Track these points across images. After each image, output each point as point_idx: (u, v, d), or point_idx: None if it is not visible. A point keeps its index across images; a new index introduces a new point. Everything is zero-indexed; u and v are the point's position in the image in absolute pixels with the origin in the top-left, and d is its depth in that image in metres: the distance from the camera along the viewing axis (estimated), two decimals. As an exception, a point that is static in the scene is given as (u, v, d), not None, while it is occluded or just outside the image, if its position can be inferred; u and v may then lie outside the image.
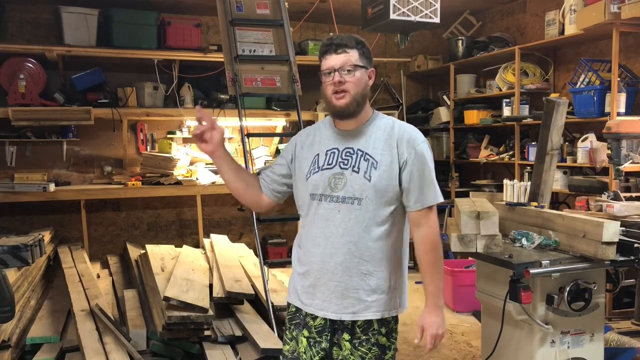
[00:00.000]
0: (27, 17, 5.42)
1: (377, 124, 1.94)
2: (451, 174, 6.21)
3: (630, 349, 3.18)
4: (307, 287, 1.96)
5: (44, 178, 5.29)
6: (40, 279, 4.33)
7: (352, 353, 1.93)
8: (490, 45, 5.70)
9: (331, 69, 1.86)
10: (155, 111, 5.55)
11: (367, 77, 1.91)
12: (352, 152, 1.90)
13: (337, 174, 1.89)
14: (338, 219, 1.88)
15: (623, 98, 4.23)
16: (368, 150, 1.89)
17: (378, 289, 1.92)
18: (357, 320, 1.93)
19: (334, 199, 1.89)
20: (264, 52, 4.31)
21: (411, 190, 1.89)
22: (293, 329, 2.02)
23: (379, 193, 1.87)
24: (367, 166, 1.87)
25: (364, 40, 1.93)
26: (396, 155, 1.88)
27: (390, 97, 6.89)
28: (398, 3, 3.60)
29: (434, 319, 1.89)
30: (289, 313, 2.06)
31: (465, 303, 4.50)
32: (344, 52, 1.86)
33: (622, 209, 2.89)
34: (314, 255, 1.93)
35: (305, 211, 1.97)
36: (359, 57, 1.88)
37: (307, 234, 1.97)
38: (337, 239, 1.89)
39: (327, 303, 1.92)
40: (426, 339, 1.90)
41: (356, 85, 1.86)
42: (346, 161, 1.90)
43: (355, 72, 1.86)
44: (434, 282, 1.92)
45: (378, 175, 1.86)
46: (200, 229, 5.53)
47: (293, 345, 2.01)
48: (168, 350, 3.36)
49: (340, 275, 1.90)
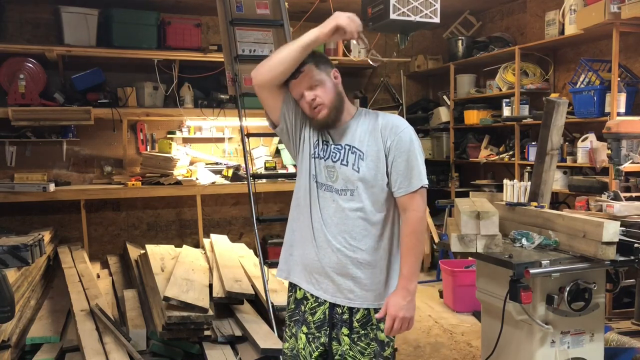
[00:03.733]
0: (27, 17, 5.42)
1: (362, 119, 1.99)
2: (451, 174, 6.21)
3: (630, 349, 3.18)
4: (304, 268, 1.99)
5: (44, 178, 5.30)
6: (40, 279, 4.33)
7: (351, 348, 1.94)
8: (490, 45, 5.70)
9: (300, 94, 1.92)
10: (155, 111, 5.55)
11: (332, 80, 1.95)
12: (340, 148, 1.96)
13: (329, 167, 1.95)
14: (332, 208, 1.93)
15: (623, 98, 4.23)
16: (354, 144, 1.94)
17: (374, 279, 1.95)
18: (356, 312, 1.94)
19: (329, 188, 1.94)
20: (264, 52, 4.31)
21: (396, 175, 1.92)
22: (292, 325, 2.04)
23: (368, 183, 1.91)
24: (354, 158, 1.93)
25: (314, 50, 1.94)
26: (381, 144, 1.92)
27: (390, 97, 6.89)
28: (398, 3, 3.60)
29: (399, 301, 1.87)
30: (288, 310, 2.07)
31: (465, 303, 4.50)
32: (300, 73, 1.90)
33: (622, 209, 2.89)
34: (309, 243, 1.96)
35: (304, 186, 2.00)
36: (315, 68, 1.91)
37: (301, 217, 2.01)
38: (332, 228, 1.92)
39: (324, 285, 1.96)
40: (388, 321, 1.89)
41: (327, 94, 1.91)
42: (335, 155, 1.95)
43: (320, 85, 1.91)
44: (408, 264, 1.91)
45: (366, 166, 1.91)
46: (200, 229, 5.53)
47: (292, 342, 2.02)
48: (168, 350, 3.36)
49: (336, 262, 1.93)
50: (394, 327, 1.86)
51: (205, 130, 5.94)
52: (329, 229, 1.93)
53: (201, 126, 5.92)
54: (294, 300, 2.05)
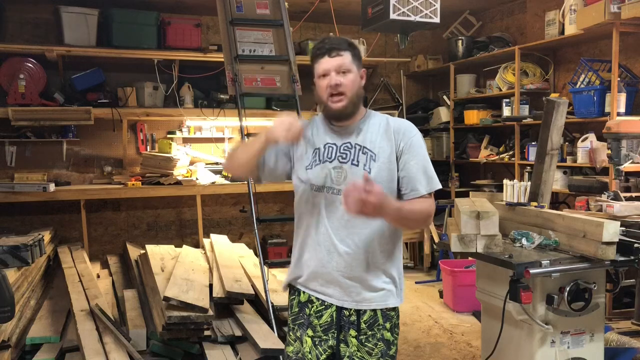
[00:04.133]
0: (27, 17, 5.42)
1: (372, 121, 1.97)
2: (451, 174, 6.21)
3: (630, 349, 3.18)
4: (311, 274, 1.97)
5: (44, 178, 5.30)
6: (40, 279, 4.34)
7: (359, 349, 1.94)
8: (490, 45, 5.70)
9: (327, 71, 1.89)
10: (155, 111, 5.55)
11: (360, 78, 1.94)
12: (350, 147, 1.93)
13: (336, 167, 1.92)
14: (341, 210, 1.88)
15: (623, 98, 4.23)
16: (366, 144, 1.92)
17: (381, 280, 1.94)
18: (363, 313, 1.93)
19: (335, 191, 1.91)
20: (264, 52, 4.31)
21: (408, 178, 1.91)
22: (297, 329, 2.01)
23: (380, 185, 1.87)
24: (366, 159, 1.91)
25: (355, 42, 1.97)
26: (394, 146, 1.92)
27: (390, 97, 6.89)
28: (398, 3, 3.60)
29: (384, 197, 1.71)
30: (292, 314, 2.05)
31: (465, 303, 4.50)
32: (337, 55, 1.88)
33: (622, 209, 2.89)
34: (318, 247, 1.94)
35: (305, 201, 1.97)
36: (352, 59, 1.91)
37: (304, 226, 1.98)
38: (340, 231, 1.91)
39: (331, 290, 1.94)
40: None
41: (352, 86, 1.89)
42: (344, 155, 1.93)
43: (350, 74, 1.89)
44: (404, 205, 1.84)
45: (377, 167, 1.89)
46: (200, 229, 5.53)
47: (297, 346, 2.00)
48: (168, 350, 3.36)
49: (344, 266, 1.91)
50: (355, 199, 1.67)
51: (205, 130, 5.94)
52: (337, 233, 1.91)
53: (201, 126, 5.92)
54: (297, 303, 2.03)
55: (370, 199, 1.65)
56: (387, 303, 1.95)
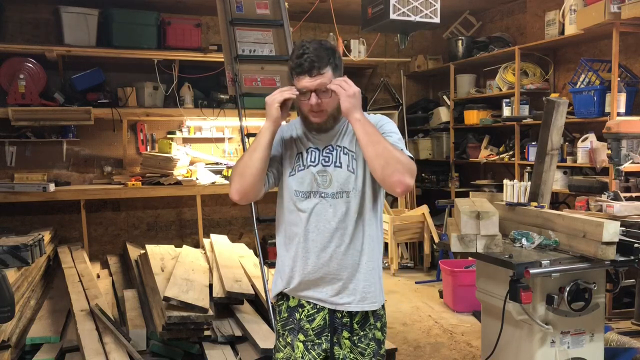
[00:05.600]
0: (27, 17, 5.42)
1: (347, 121, 1.94)
2: (451, 174, 6.21)
3: (630, 349, 3.18)
4: (302, 281, 1.94)
5: (44, 178, 5.30)
6: (40, 279, 4.33)
7: (352, 350, 1.94)
8: (490, 45, 5.70)
9: (306, 89, 1.83)
10: (155, 111, 5.55)
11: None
12: (332, 149, 1.93)
13: (320, 172, 1.91)
14: (330, 213, 1.89)
15: (623, 98, 4.23)
16: (346, 145, 1.92)
17: (371, 279, 1.94)
18: (355, 314, 1.93)
19: (322, 195, 1.90)
20: (264, 52, 4.31)
21: None
22: (287, 334, 1.97)
23: (365, 183, 1.90)
24: (348, 159, 1.91)
25: (334, 47, 1.89)
26: None
27: (390, 97, 6.89)
28: (398, 3, 3.60)
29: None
30: (280, 319, 2.01)
31: (465, 303, 4.50)
32: (318, 75, 1.81)
33: (622, 209, 2.89)
34: (307, 253, 1.92)
35: (289, 207, 1.96)
36: (332, 73, 1.85)
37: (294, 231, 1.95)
38: (327, 234, 1.90)
39: (323, 294, 1.93)
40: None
41: (332, 103, 1.85)
42: (327, 158, 1.92)
43: (329, 92, 1.84)
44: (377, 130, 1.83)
45: (361, 167, 1.90)
46: (200, 229, 5.54)
47: (288, 352, 1.96)
48: (168, 350, 3.36)
49: (335, 269, 1.91)
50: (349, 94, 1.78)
51: (205, 130, 5.94)
52: (325, 236, 1.90)
53: (201, 126, 5.92)
54: (286, 308, 2.00)
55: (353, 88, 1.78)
56: (377, 302, 1.95)
